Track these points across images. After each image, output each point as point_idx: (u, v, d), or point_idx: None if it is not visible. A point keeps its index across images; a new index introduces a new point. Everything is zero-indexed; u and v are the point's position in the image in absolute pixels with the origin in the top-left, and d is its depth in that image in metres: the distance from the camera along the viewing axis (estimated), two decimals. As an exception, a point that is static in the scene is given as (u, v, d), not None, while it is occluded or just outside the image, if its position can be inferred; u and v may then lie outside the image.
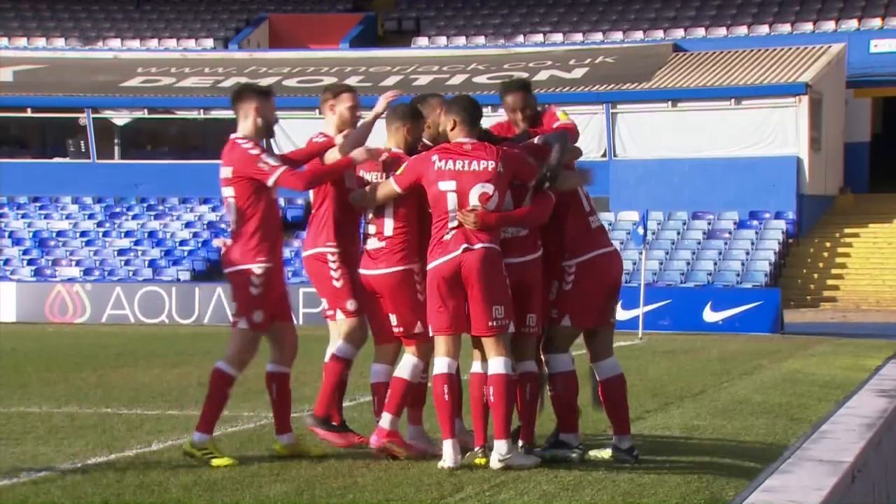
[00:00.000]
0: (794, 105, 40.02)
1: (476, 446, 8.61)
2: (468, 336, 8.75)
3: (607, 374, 9.11)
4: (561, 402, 9.03)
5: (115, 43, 53.06)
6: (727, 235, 39.12)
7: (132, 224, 42.62)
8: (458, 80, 44.17)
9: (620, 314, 24.83)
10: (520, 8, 52.81)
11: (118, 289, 32.91)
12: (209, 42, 53.20)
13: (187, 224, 42.41)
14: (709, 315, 28.37)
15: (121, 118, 45.98)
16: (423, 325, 8.89)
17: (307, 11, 55.70)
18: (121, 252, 40.63)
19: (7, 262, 39.92)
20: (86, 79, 46.97)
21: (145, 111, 45.52)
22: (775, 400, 13.43)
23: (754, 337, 26.11)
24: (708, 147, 40.36)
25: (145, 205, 43.95)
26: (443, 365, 8.67)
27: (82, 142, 45.34)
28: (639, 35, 49.39)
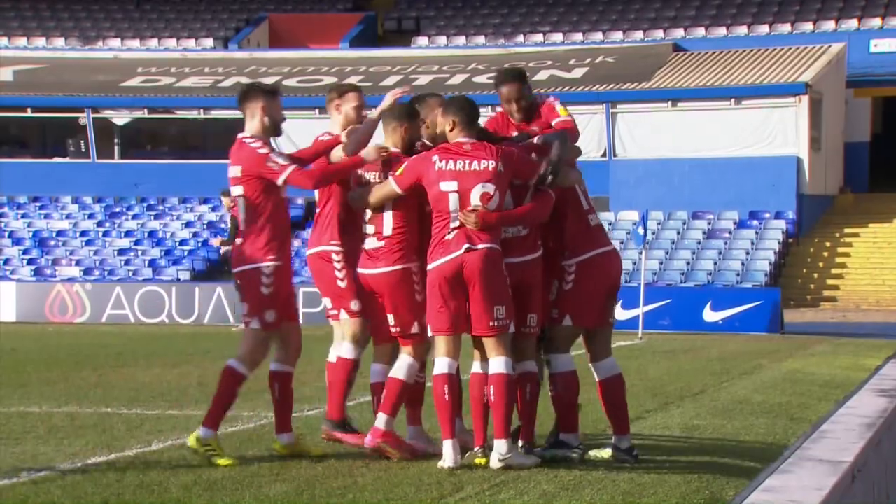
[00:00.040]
0: (794, 105, 39.99)
1: (476, 446, 8.62)
2: (468, 336, 8.76)
3: (606, 374, 9.11)
4: (561, 402, 9.03)
5: (115, 43, 53.03)
6: (727, 235, 39.08)
7: (132, 224, 42.59)
8: (458, 79, 44.14)
9: (620, 314, 25.19)
10: (520, 8, 52.78)
11: (118, 289, 32.86)
12: (209, 42, 53.18)
13: (187, 224, 42.39)
14: (709, 315, 28.33)
15: (121, 118, 45.95)
16: (420, 325, 8.89)
17: (307, 11, 55.68)
18: (121, 252, 40.60)
19: (7, 262, 39.89)
20: (86, 79, 46.95)
21: (145, 111, 45.50)
22: (775, 400, 13.43)
23: (754, 337, 26.09)
24: (708, 147, 40.32)
25: (145, 204, 43.92)
26: (443, 365, 8.67)
27: (82, 141, 45.31)
28: (639, 35, 49.37)
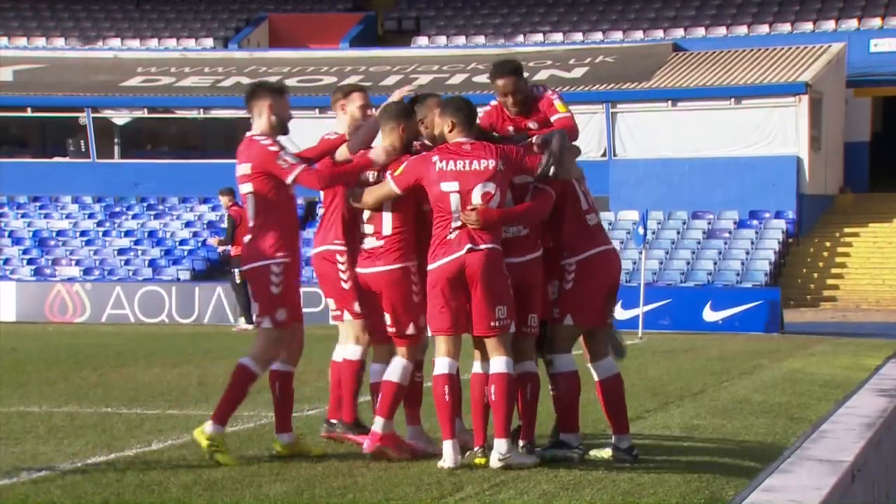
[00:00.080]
0: (794, 105, 39.98)
1: (476, 446, 8.62)
2: (468, 336, 8.76)
3: (605, 374, 9.11)
4: (562, 402, 9.02)
5: (115, 43, 53.02)
6: (727, 235, 39.07)
7: (132, 224, 42.57)
8: (457, 79, 44.13)
9: (620, 314, 25.18)
10: (520, 8, 52.77)
11: (118, 288, 32.84)
12: (209, 42, 53.16)
13: (187, 224, 42.37)
14: (709, 315, 28.31)
15: (121, 118, 45.94)
16: (416, 327, 8.90)
17: (307, 11, 55.67)
18: (121, 252, 40.58)
19: (7, 262, 39.86)
20: (86, 78, 46.95)
21: (145, 111, 45.49)
22: (775, 399, 13.42)
23: (754, 336, 26.08)
24: (708, 147, 40.31)
25: (145, 204, 43.91)
26: (443, 365, 8.67)
27: (82, 141, 45.29)
28: (639, 35, 49.35)
